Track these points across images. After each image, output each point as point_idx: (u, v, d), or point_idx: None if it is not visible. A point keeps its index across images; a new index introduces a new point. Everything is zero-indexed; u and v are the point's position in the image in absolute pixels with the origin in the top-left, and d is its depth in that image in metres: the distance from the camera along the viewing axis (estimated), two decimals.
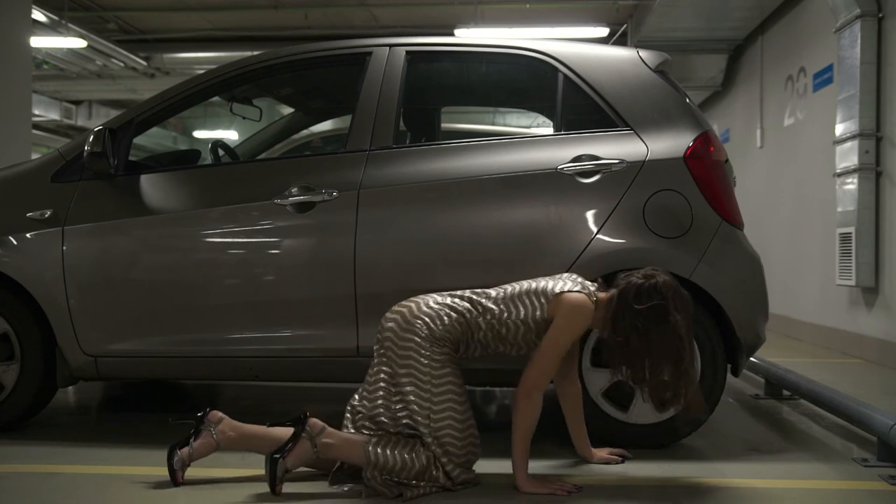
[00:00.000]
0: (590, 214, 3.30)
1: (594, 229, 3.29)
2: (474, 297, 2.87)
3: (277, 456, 2.66)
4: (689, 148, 3.37)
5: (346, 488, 2.72)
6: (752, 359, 4.26)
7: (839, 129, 6.69)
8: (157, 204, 3.51)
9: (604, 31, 11.27)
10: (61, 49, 12.49)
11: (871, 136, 6.32)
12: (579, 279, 2.89)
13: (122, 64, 13.24)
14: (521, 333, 2.82)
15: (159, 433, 3.63)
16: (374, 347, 2.88)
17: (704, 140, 3.40)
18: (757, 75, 9.86)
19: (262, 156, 4.71)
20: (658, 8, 9.19)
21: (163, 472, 2.92)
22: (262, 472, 2.71)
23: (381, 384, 2.78)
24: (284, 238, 3.44)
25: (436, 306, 2.82)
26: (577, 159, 3.36)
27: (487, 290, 2.92)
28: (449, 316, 2.80)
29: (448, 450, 2.70)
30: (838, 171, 6.68)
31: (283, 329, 3.40)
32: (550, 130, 3.77)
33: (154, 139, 16.76)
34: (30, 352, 3.48)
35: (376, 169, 3.41)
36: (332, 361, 3.39)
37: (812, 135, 7.93)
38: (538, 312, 2.80)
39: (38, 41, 10.98)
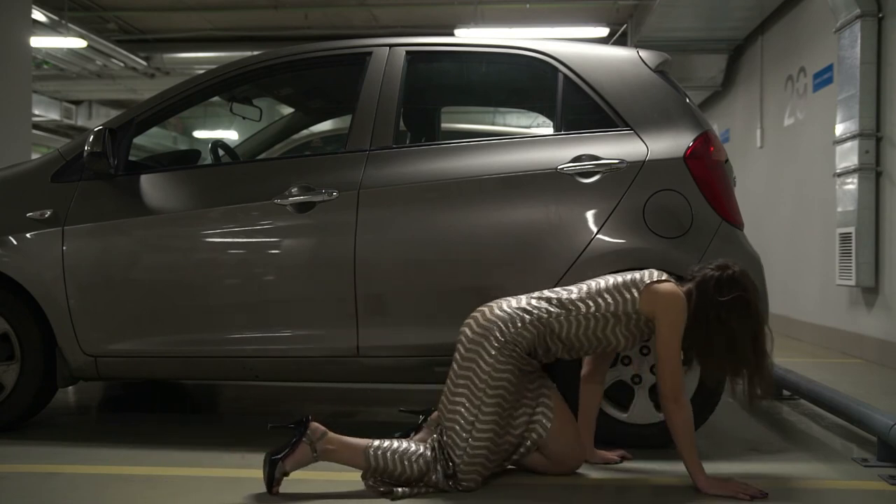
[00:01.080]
0: (590, 214, 3.30)
1: (594, 229, 3.29)
2: (553, 296, 2.85)
3: (276, 457, 2.66)
4: (689, 148, 3.37)
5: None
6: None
7: (839, 129, 6.69)
8: (157, 204, 3.51)
9: (604, 31, 11.27)
10: (61, 49, 12.49)
11: (871, 136, 6.32)
12: (655, 271, 2.86)
13: (122, 64, 13.24)
14: (609, 326, 2.79)
15: (159, 433, 3.64)
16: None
17: (704, 140, 3.40)
18: (757, 75, 9.86)
19: (262, 156, 4.71)
20: (658, 8, 9.19)
21: (163, 472, 2.93)
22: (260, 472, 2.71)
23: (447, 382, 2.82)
24: (284, 238, 3.44)
25: (509, 310, 2.80)
26: (577, 159, 3.36)
27: (560, 290, 2.89)
28: (522, 319, 2.77)
29: (476, 457, 2.67)
30: (838, 171, 6.68)
31: (283, 329, 3.40)
32: (550, 130, 3.77)
33: (154, 139, 16.76)
34: (30, 352, 3.48)
35: (376, 169, 3.41)
36: (332, 361, 3.39)
37: (812, 135, 7.93)
38: (628, 305, 2.77)
39: (38, 41, 10.97)
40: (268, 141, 4.83)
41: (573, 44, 3.68)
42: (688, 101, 3.56)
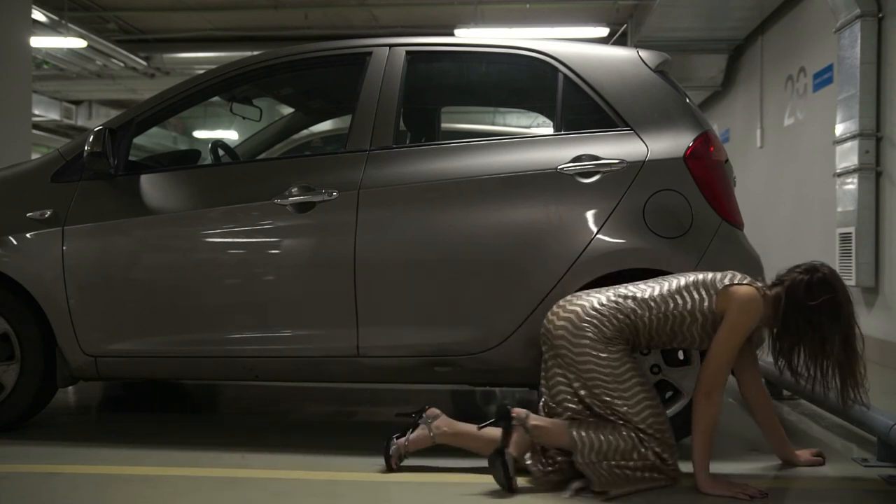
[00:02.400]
0: (590, 214, 3.30)
1: (594, 229, 3.28)
2: (638, 293, 2.87)
3: (500, 451, 2.68)
4: (689, 148, 3.36)
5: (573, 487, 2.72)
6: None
7: (839, 129, 6.69)
8: (157, 204, 3.51)
9: (604, 31, 11.27)
10: (61, 49, 12.48)
11: (871, 136, 6.32)
12: (738, 274, 2.88)
13: (122, 64, 13.24)
14: (686, 324, 2.81)
15: (159, 433, 3.64)
16: (543, 349, 2.93)
17: (704, 140, 3.40)
18: (757, 75, 9.86)
19: (262, 156, 4.71)
20: (658, 8, 9.19)
21: (163, 472, 2.94)
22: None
23: (561, 386, 2.85)
24: (284, 238, 3.44)
25: (602, 308, 2.83)
26: (577, 159, 3.36)
27: (642, 287, 2.91)
28: (616, 318, 2.81)
29: (654, 434, 2.72)
30: (838, 171, 6.68)
31: (283, 329, 3.40)
32: (550, 130, 3.77)
33: (154, 139, 16.75)
34: (30, 352, 3.47)
35: (376, 169, 3.41)
36: (332, 361, 3.39)
37: (812, 135, 7.93)
38: (706, 304, 2.79)
39: (38, 41, 10.97)
40: (268, 141, 4.83)
41: (573, 44, 3.68)
42: (688, 101, 3.56)
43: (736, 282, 2.81)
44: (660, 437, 2.74)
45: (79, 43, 11.64)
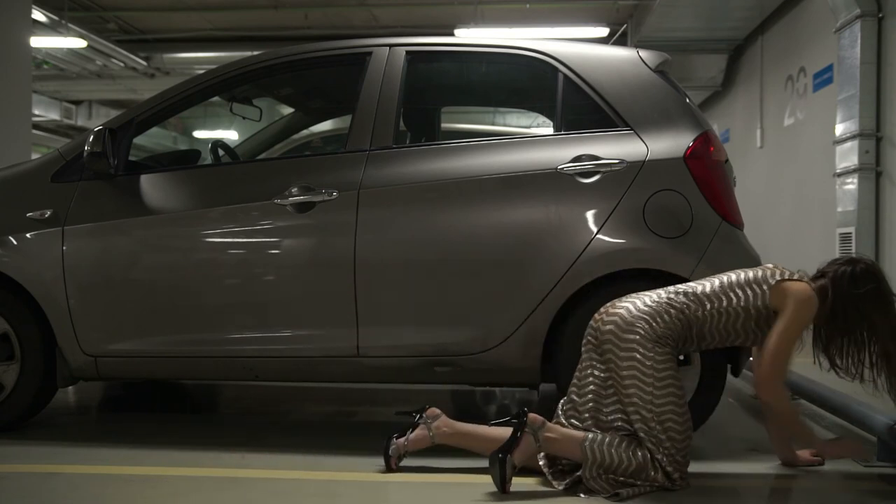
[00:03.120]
0: (590, 214, 3.30)
1: (594, 229, 3.28)
2: (689, 290, 2.87)
3: (502, 455, 2.66)
4: (689, 148, 3.36)
5: (561, 486, 2.72)
6: (752, 359, 4.26)
7: (839, 129, 6.69)
8: (157, 204, 3.51)
9: (604, 31, 11.28)
10: (61, 49, 12.49)
11: (871, 136, 6.33)
12: (783, 268, 2.89)
13: (122, 64, 13.25)
14: (740, 321, 2.82)
15: (159, 433, 3.64)
16: (583, 348, 2.91)
17: (704, 140, 3.40)
18: (757, 75, 9.87)
19: (262, 156, 4.71)
20: (658, 8, 9.19)
21: (163, 472, 2.93)
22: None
23: (591, 386, 2.83)
24: (284, 238, 3.44)
25: (653, 304, 2.81)
26: (577, 159, 3.36)
27: (693, 285, 2.91)
28: (668, 313, 2.79)
29: (668, 451, 2.70)
30: (838, 171, 6.68)
31: (283, 329, 3.39)
32: (550, 130, 3.77)
33: (154, 139, 16.76)
34: (30, 352, 3.47)
35: (376, 169, 3.41)
36: (332, 361, 3.39)
37: (812, 135, 7.94)
38: (759, 300, 2.80)
39: (38, 41, 10.98)
40: (268, 141, 4.83)
41: (573, 44, 3.68)
42: (688, 101, 3.56)
43: (787, 277, 2.83)
44: (675, 453, 2.71)
45: (79, 43, 11.65)
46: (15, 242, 3.49)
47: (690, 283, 2.92)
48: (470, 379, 3.49)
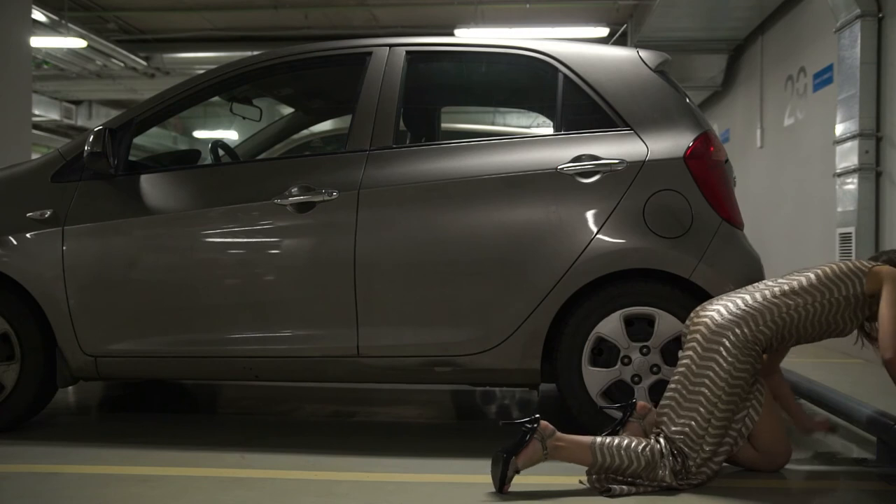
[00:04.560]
0: (590, 214, 3.30)
1: (594, 229, 3.29)
2: (786, 286, 2.92)
3: (506, 455, 2.67)
4: (689, 148, 3.37)
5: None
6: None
7: (839, 129, 6.69)
8: (158, 204, 3.51)
9: (604, 31, 11.28)
10: (61, 49, 12.49)
11: (871, 136, 6.33)
12: (865, 260, 3.05)
13: (122, 64, 13.24)
14: (841, 310, 2.91)
15: (159, 433, 3.64)
16: (682, 342, 2.95)
17: (704, 140, 3.40)
18: (757, 75, 9.87)
19: (262, 156, 4.71)
20: (658, 8, 9.19)
21: (163, 472, 2.93)
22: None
23: (674, 388, 2.85)
24: (284, 238, 3.44)
25: (746, 307, 2.85)
26: (577, 159, 3.36)
27: (787, 281, 2.96)
28: (763, 316, 2.83)
29: (704, 456, 2.73)
30: (838, 171, 6.68)
31: (283, 329, 3.39)
32: (550, 130, 3.77)
33: (154, 139, 16.76)
34: (30, 352, 3.47)
35: (376, 169, 3.41)
36: (332, 361, 3.39)
37: (812, 135, 7.94)
38: (857, 287, 2.91)
39: (38, 41, 10.97)
40: (268, 141, 4.83)
41: (573, 44, 3.68)
42: (688, 101, 3.56)
43: (874, 263, 2.99)
44: (708, 458, 2.74)
45: (79, 43, 11.64)
46: (15, 242, 3.49)
47: (782, 280, 2.97)
48: (470, 379, 3.49)
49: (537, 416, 2.78)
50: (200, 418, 4.17)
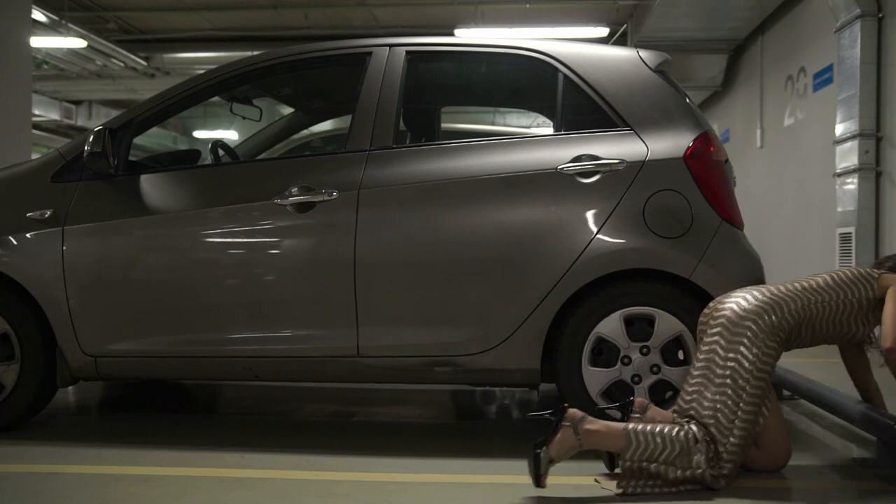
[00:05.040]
0: (590, 214, 3.30)
1: (594, 229, 3.29)
2: (804, 284, 2.98)
3: (537, 449, 2.65)
4: (689, 148, 3.36)
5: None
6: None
7: (839, 129, 6.69)
8: (158, 204, 3.51)
9: (604, 31, 11.28)
10: (61, 49, 12.50)
11: (871, 136, 6.33)
12: (872, 268, 3.13)
13: (122, 64, 13.25)
14: (853, 312, 2.97)
15: (159, 433, 3.64)
16: (699, 336, 2.96)
17: (704, 140, 3.40)
18: (757, 75, 9.87)
19: (262, 156, 4.71)
20: (658, 8, 9.20)
21: (163, 472, 2.93)
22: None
23: (699, 377, 2.87)
24: (284, 238, 3.44)
25: (770, 296, 2.90)
26: (577, 159, 3.36)
27: (803, 280, 3.01)
28: (787, 305, 2.88)
29: (732, 446, 2.74)
30: (838, 171, 6.68)
31: (283, 329, 3.39)
32: (550, 130, 3.77)
33: (154, 139, 16.76)
34: (30, 352, 3.47)
35: (376, 169, 3.41)
36: (332, 361, 3.39)
37: (812, 135, 7.94)
38: (870, 292, 2.98)
39: (38, 41, 10.98)
40: (268, 141, 4.83)
41: (573, 44, 3.68)
42: (688, 101, 3.56)
43: (881, 270, 3.08)
44: (737, 449, 2.75)
45: (79, 43, 11.65)
46: (15, 242, 3.49)
47: (799, 279, 3.02)
48: (470, 379, 3.49)
49: (565, 404, 2.78)
50: (200, 418, 4.17)
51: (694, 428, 2.75)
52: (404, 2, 11.23)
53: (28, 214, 3.51)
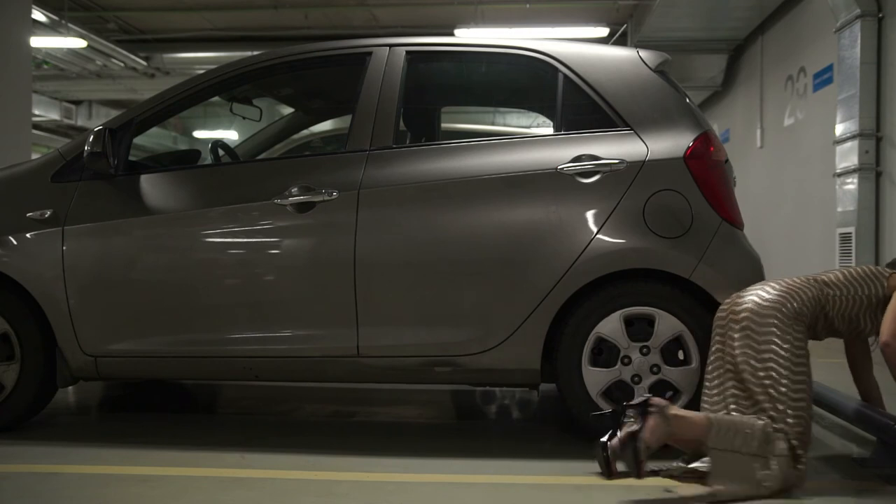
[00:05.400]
0: (590, 214, 3.30)
1: (594, 229, 3.29)
2: (820, 277, 3.04)
3: (631, 441, 2.65)
4: (689, 148, 3.37)
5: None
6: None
7: (839, 129, 6.69)
8: (158, 204, 3.51)
9: (604, 31, 11.28)
10: (61, 49, 12.50)
11: (871, 136, 6.33)
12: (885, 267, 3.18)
13: (122, 64, 13.25)
14: (863, 308, 3.02)
15: (159, 433, 3.64)
16: (717, 335, 2.99)
17: (704, 140, 3.40)
18: (757, 75, 9.87)
19: (262, 156, 4.71)
20: (658, 8, 9.20)
21: (163, 472, 2.93)
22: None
23: (717, 371, 2.92)
24: (284, 238, 3.44)
25: (787, 287, 2.95)
26: (577, 159, 3.36)
27: (817, 275, 3.06)
28: (805, 294, 2.94)
29: (796, 432, 2.76)
30: (838, 171, 6.69)
31: (283, 329, 3.39)
32: (550, 130, 3.77)
33: (154, 139, 16.76)
34: (30, 352, 3.47)
35: (376, 169, 3.41)
36: (332, 361, 3.39)
37: (812, 135, 7.94)
38: (880, 291, 3.03)
39: (38, 41, 10.98)
40: (268, 141, 4.83)
41: (573, 44, 3.68)
42: (688, 101, 3.56)
43: (893, 270, 3.11)
44: (802, 433, 2.79)
45: (79, 43, 11.65)
46: (15, 242, 3.50)
47: (813, 274, 3.07)
48: (470, 379, 3.49)
49: (648, 395, 2.81)
50: (200, 418, 4.17)
51: (765, 418, 2.77)
52: (404, 2, 11.24)
53: (28, 214, 3.51)
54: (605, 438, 2.70)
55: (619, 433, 2.70)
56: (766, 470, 2.69)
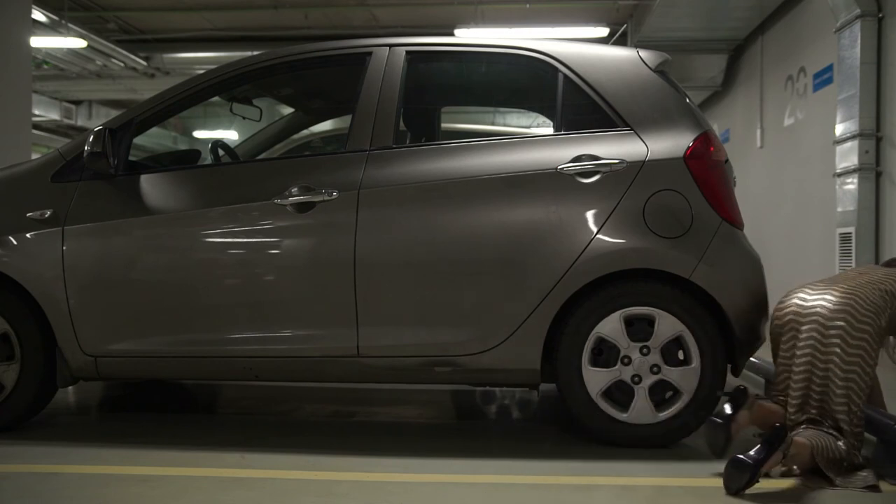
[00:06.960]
0: (590, 214, 3.30)
1: (594, 229, 3.29)
2: (886, 286, 3.08)
3: (724, 424, 2.85)
4: (689, 148, 3.37)
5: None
6: (752, 359, 4.26)
7: (839, 129, 6.69)
8: (158, 204, 3.51)
9: (604, 31, 11.28)
10: (61, 49, 12.49)
11: (871, 136, 6.33)
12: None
13: (122, 64, 13.25)
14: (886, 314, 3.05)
15: (159, 433, 3.64)
16: (784, 337, 3.07)
17: (704, 140, 3.40)
18: (757, 75, 9.87)
19: (262, 156, 4.71)
20: (658, 8, 9.20)
21: (163, 472, 2.93)
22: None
23: (801, 373, 3.01)
24: (284, 238, 3.44)
25: (866, 295, 3.00)
26: (577, 159, 3.36)
27: (853, 272, 3.16)
28: (884, 299, 3.01)
29: (859, 429, 2.91)
30: (838, 171, 6.69)
31: (283, 329, 3.39)
32: (550, 130, 3.77)
33: (154, 139, 16.76)
34: (30, 352, 3.47)
35: (376, 169, 3.41)
36: (332, 361, 3.39)
37: (812, 135, 7.94)
38: None
39: (38, 41, 10.98)
40: (268, 141, 4.83)
41: (573, 44, 3.68)
42: (688, 101, 3.56)
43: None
44: (858, 431, 2.93)
45: (79, 43, 11.65)
46: (15, 242, 3.50)
47: (870, 279, 3.12)
48: (470, 379, 3.49)
49: (777, 424, 2.86)
50: (200, 418, 4.17)
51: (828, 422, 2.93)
52: (404, 2, 11.23)
53: (28, 214, 3.51)
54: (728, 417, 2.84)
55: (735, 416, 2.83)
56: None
